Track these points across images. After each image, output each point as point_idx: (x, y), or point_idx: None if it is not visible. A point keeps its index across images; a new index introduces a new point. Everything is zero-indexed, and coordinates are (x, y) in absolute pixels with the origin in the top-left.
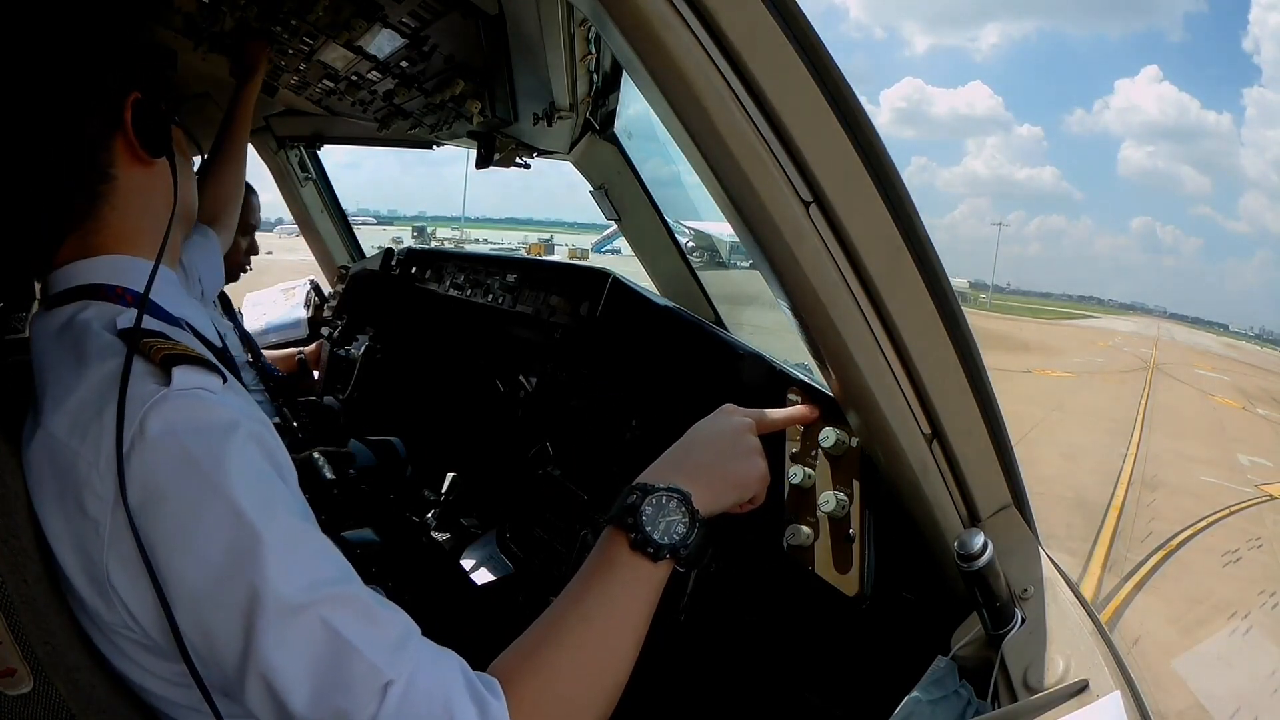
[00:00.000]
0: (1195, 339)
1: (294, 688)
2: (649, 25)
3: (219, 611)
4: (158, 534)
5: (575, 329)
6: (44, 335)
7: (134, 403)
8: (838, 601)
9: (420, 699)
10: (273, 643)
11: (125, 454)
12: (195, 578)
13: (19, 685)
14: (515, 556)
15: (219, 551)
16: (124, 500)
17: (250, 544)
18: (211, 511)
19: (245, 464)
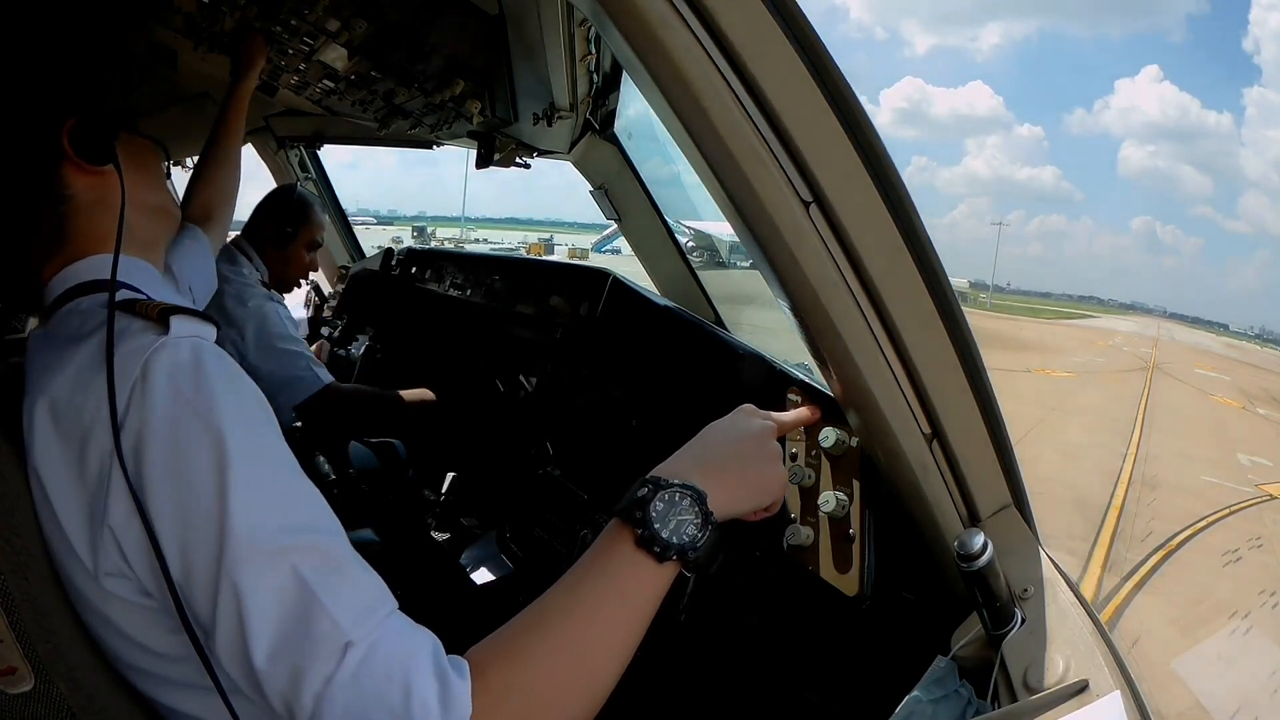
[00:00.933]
0: (1195, 339)
1: (258, 637)
2: (649, 25)
3: (198, 550)
4: (149, 472)
5: (575, 329)
6: (40, 335)
7: (135, 354)
8: (838, 601)
9: (379, 666)
10: (243, 585)
11: (128, 401)
12: (179, 512)
13: (20, 683)
14: (515, 556)
15: (202, 485)
16: (116, 441)
17: (229, 479)
18: (198, 444)
19: (238, 404)
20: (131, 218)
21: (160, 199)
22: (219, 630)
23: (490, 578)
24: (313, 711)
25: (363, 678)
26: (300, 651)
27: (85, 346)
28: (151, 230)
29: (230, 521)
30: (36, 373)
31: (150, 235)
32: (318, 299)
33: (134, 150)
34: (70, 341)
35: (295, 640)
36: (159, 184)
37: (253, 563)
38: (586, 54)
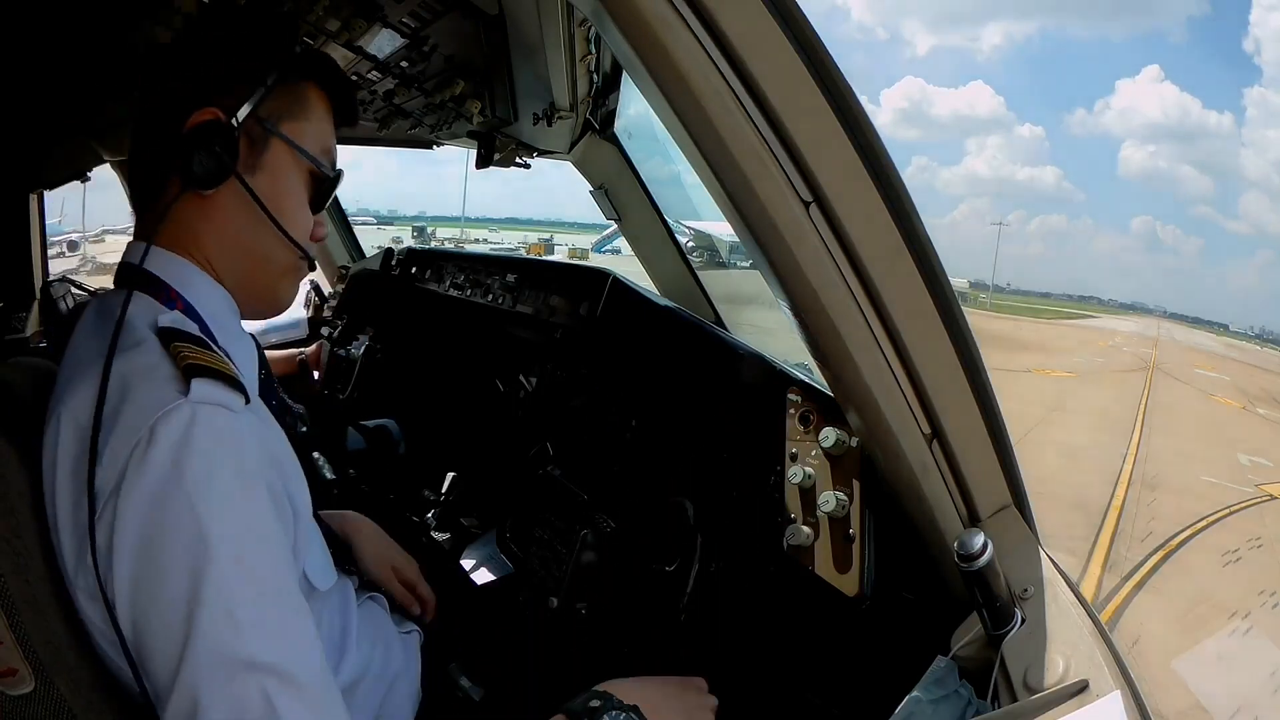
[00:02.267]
0: (1195, 339)
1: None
2: (649, 25)
3: (160, 636)
4: (120, 541)
5: (575, 329)
6: (89, 317)
7: (148, 407)
8: (838, 601)
9: None
10: (203, 696)
11: (127, 459)
12: (143, 590)
13: (20, 685)
14: (515, 556)
15: (174, 580)
16: (89, 483)
17: (205, 588)
18: (179, 536)
19: (241, 503)
20: (223, 244)
21: (257, 244)
22: (169, 715)
23: (490, 578)
24: None
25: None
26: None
27: (117, 369)
28: (240, 268)
29: (197, 630)
30: (69, 356)
31: (239, 273)
32: (318, 299)
33: (270, 182)
34: (102, 348)
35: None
36: (261, 228)
37: (216, 677)
38: (586, 54)
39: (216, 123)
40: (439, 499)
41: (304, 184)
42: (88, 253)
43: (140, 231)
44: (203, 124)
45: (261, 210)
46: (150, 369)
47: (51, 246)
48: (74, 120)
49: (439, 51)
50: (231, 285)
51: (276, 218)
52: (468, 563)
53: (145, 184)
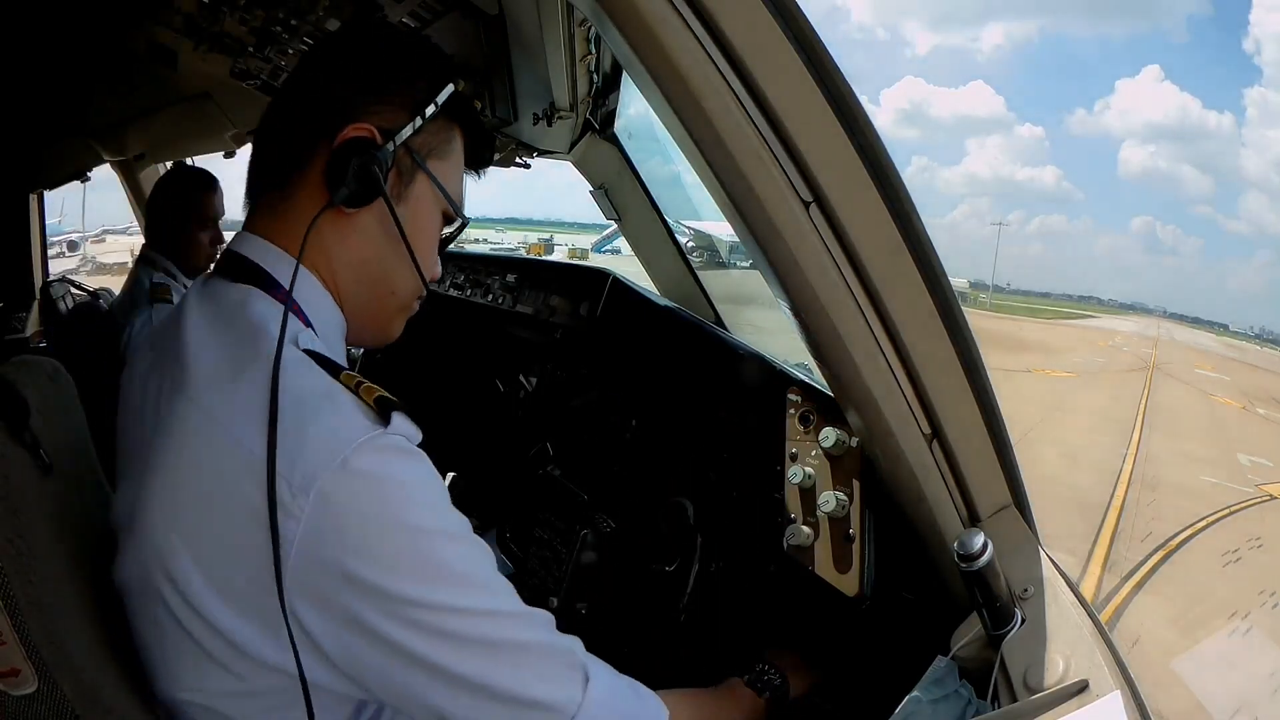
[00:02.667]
0: (1195, 339)
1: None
2: (649, 25)
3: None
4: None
5: (575, 329)
6: (208, 310)
7: (340, 435)
8: (838, 601)
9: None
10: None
11: (320, 483)
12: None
13: (23, 685)
14: (515, 556)
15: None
16: (271, 501)
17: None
18: (418, 560)
19: (449, 521)
20: (353, 266)
21: (387, 274)
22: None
23: None
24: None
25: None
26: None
27: (255, 373)
28: (363, 293)
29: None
30: (194, 354)
31: (361, 298)
32: None
33: (410, 214)
34: (247, 358)
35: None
36: (395, 259)
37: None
38: (586, 54)
39: (371, 142)
40: None
41: (437, 224)
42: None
43: (256, 225)
44: (357, 140)
45: (402, 240)
46: (327, 393)
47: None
48: (74, 120)
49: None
50: (349, 310)
51: (414, 250)
52: None
53: (269, 176)
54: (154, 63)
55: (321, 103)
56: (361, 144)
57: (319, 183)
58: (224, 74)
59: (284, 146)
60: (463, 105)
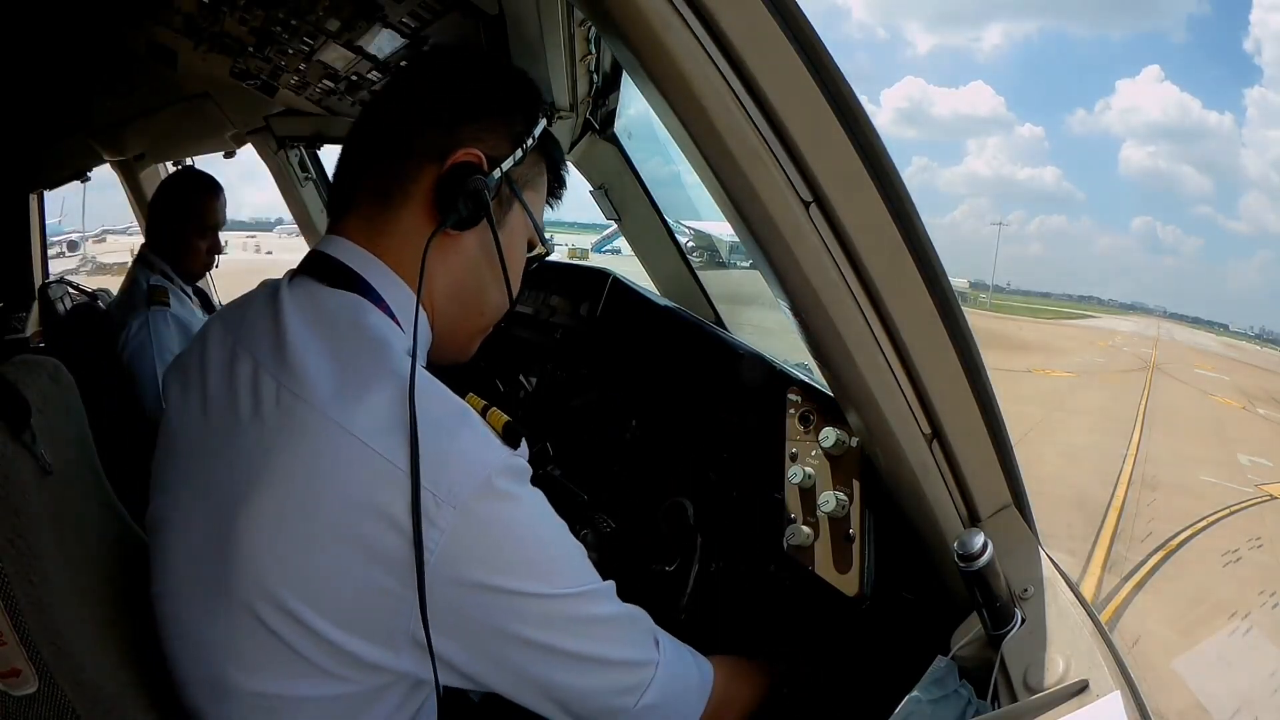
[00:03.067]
0: (1195, 339)
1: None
2: (649, 25)
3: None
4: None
5: (575, 329)
6: (309, 314)
7: (482, 455)
8: (838, 601)
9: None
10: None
11: (464, 497)
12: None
13: (24, 686)
14: None
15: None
16: (416, 524)
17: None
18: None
19: (559, 528)
20: (450, 286)
21: (479, 296)
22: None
23: None
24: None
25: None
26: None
27: (387, 388)
28: (454, 312)
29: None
30: (302, 355)
31: (451, 317)
32: None
33: (506, 241)
34: (358, 362)
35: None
36: (489, 282)
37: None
38: (586, 54)
39: (480, 167)
40: None
41: (524, 250)
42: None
43: (348, 231)
44: (467, 164)
45: (500, 263)
46: (463, 413)
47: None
48: (74, 120)
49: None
50: (438, 328)
51: (509, 274)
52: None
53: (370, 187)
54: (154, 63)
55: (429, 122)
56: (471, 169)
57: (425, 202)
58: (224, 74)
59: (389, 161)
60: (551, 141)
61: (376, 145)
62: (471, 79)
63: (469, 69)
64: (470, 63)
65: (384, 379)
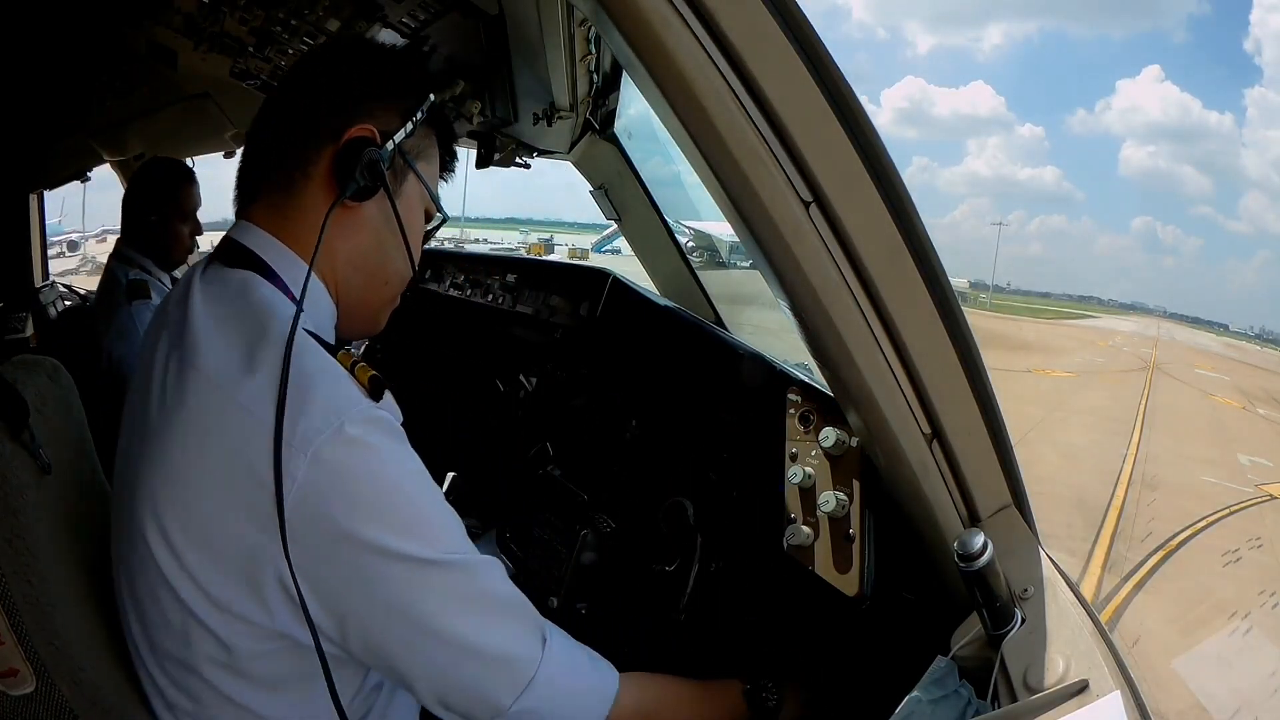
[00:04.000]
0: (1195, 339)
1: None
2: (649, 25)
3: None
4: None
5: (575, 329)
6: (212, 292)
7: (336, 404)
8: (838, 601)
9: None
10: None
11: (315, 445)
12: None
13: (21, 685)
14: (515, 556)
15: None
16: (277, 466)
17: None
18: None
19: (429, 487)
20: (353, 259)
21: (382, 266)
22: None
23: None
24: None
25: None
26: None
27: (267, 351)
28: (359, 284)
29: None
30: (201, 335)
31: (356, 289)
32: None
33: (404, 210)
34: (244, 329)
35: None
36: (391, 251)
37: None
38: (586, 54)
39: (374, 141)
40: None
41: (422, 219)
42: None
43: (255, 216)
44: (361, 139)
45: (399, 231)
46: (325, 370)
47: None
48: (74, 120)
49: (439, 51)
50: (344, 302)
51: (408, 241)
52: None
53: (271, 173)
54: (154, 63)
55: (324, 107)
56: (365, 143)
57: (325, 180)
58: (224, 74)
59: (287, 146)
60: (441, 114)
61: (277, 134)
62: (362, 64)
63: (360, 55)
64: (361, 50)
65: (262, 344)
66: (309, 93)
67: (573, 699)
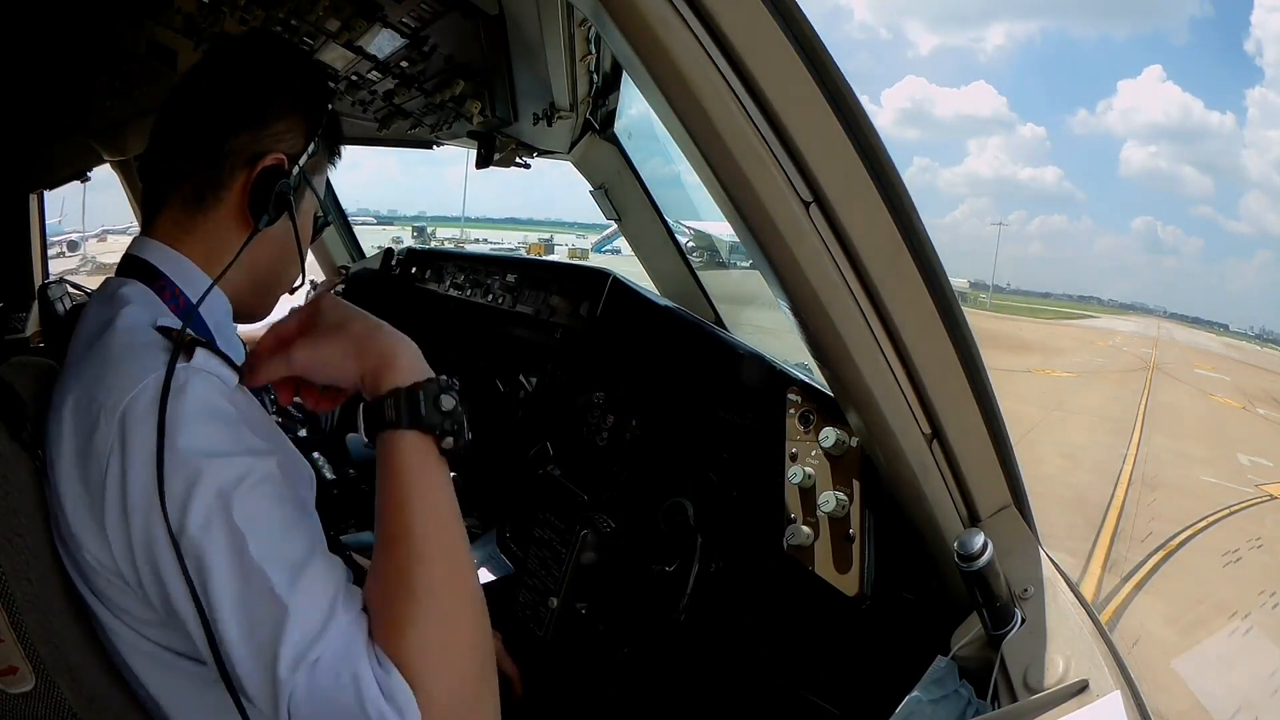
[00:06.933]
0: (1195, 339)
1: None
2: (649, 25)
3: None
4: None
5: (575, 329)
6: (91, 311)
7: (144, 370)
8: (838, 601)
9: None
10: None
11: (121, 408)
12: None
13: (21, 683)
14: (515, 556)
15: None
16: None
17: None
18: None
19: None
20: (254, 268)
21: (279, 272)
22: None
23: (490, 578)
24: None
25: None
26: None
27: (107, 337)
28: (255, 284)
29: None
30: (72, 353)
31: (252, 286)
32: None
33: (301, 223)
34: (97, 324)
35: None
36: (289, 260)
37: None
38: (586, 54)
39: (284, 169)
40: None
41: (311, 225)
42: (88, 252)
43: (158, 231)
44: (275, 168)
45: (298, 246)
46: (150, 344)
47: (51, 246)
48: (74, 120)
49: (439, 51)
50: (241, 296)
51: (303, 253)
52: None
53: (173, 183)
54: (154, 62)
55: (237, 126)
56: (277, 173)
57: (237, 204)
58: None
59: (198, 161)
60: (335, 122)
61: (186, 149)
62: (268, 75)
63: (264, 65)
64: (263, 57)
65: (107, 332)
66: (219, 107)
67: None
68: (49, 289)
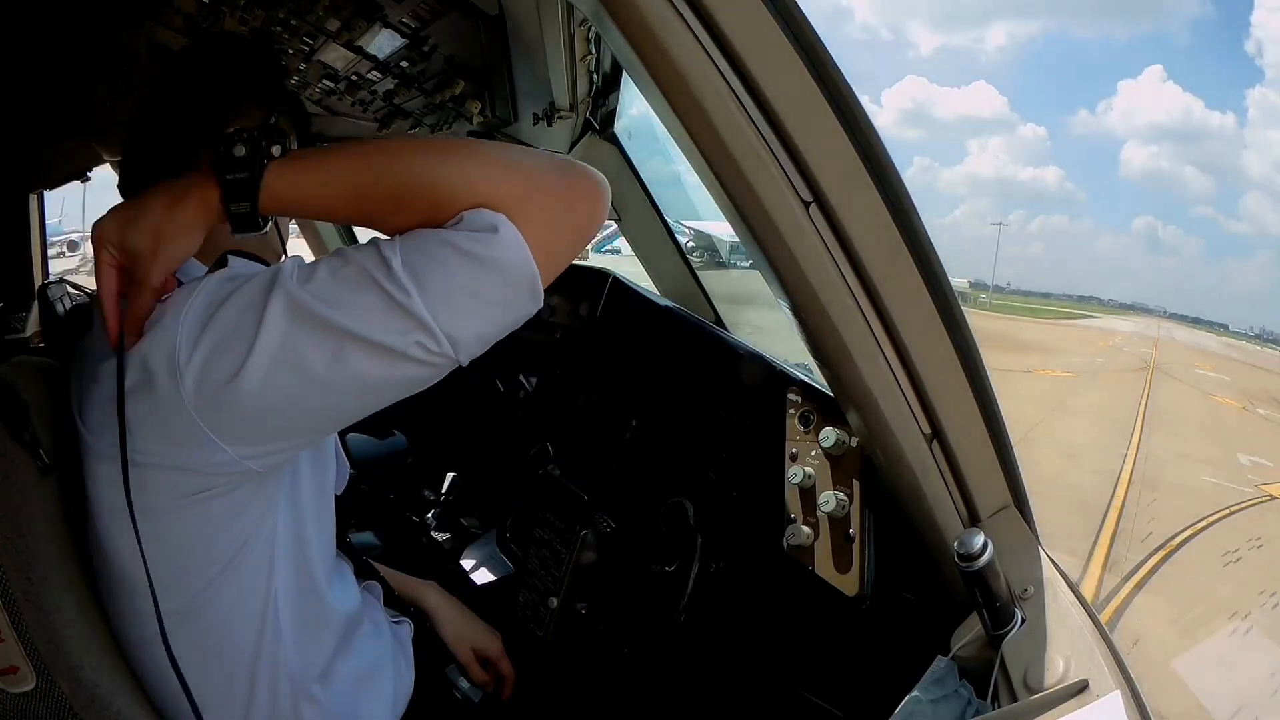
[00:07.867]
0: (1195, 339)
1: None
2: (649, 25)
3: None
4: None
5: (575, 329)
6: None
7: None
8: (838, 601)
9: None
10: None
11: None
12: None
13: (21, 683)
14: (515, 556)
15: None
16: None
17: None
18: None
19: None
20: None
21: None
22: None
23: (490, 578)
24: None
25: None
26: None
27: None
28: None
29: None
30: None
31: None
32: None
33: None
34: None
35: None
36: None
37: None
38: (586, 54)
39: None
40: (439, 499)
41: (289, 222)
42: (88, 252)
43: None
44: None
45: (278, 238)
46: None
47: (51, 246)
48: (74, 120)
49: (439, 51)
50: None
51: (283, 236)
52: (467, 563)
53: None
54: (154, 62)
55: (207, 128)
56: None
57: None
58: None
59: (175, 160)
60: (300, 108)
61: (164, 147)
62: (233, 74)
63: (221, 64)
64: (226, 57)
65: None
66: (188, 110)
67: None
68: (49, 289)
